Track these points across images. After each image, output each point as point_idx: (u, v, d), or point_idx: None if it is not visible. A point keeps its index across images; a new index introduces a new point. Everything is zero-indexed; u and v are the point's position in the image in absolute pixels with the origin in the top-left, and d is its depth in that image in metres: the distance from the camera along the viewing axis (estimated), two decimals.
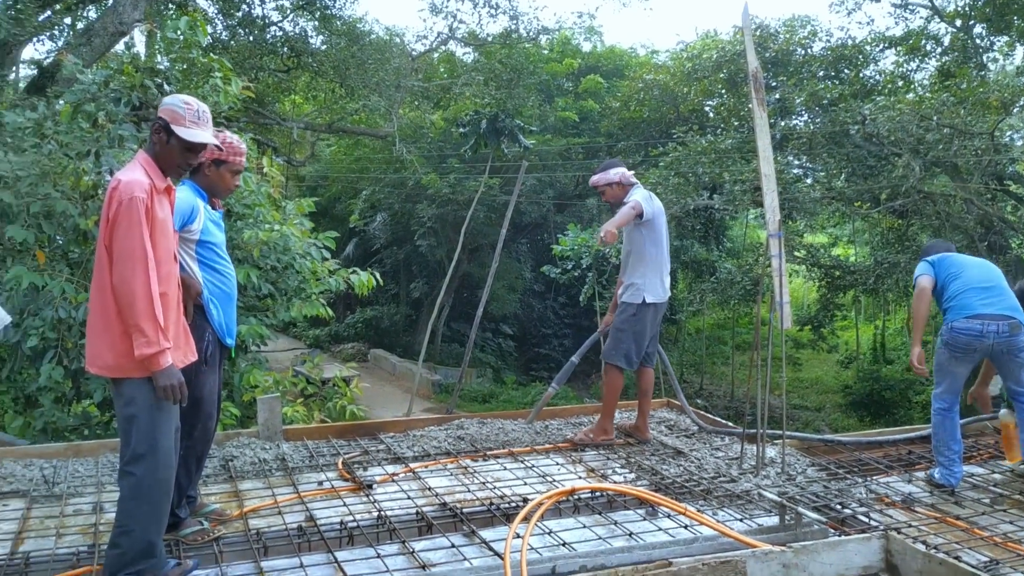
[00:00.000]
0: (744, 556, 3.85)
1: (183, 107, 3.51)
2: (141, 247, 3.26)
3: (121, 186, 3.33)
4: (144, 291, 3.23)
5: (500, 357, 22.43)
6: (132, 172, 3.42)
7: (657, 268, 5.79)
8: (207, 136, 3.59)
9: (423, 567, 3.79)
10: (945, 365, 5.22)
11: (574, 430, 6.14)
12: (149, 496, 3.36)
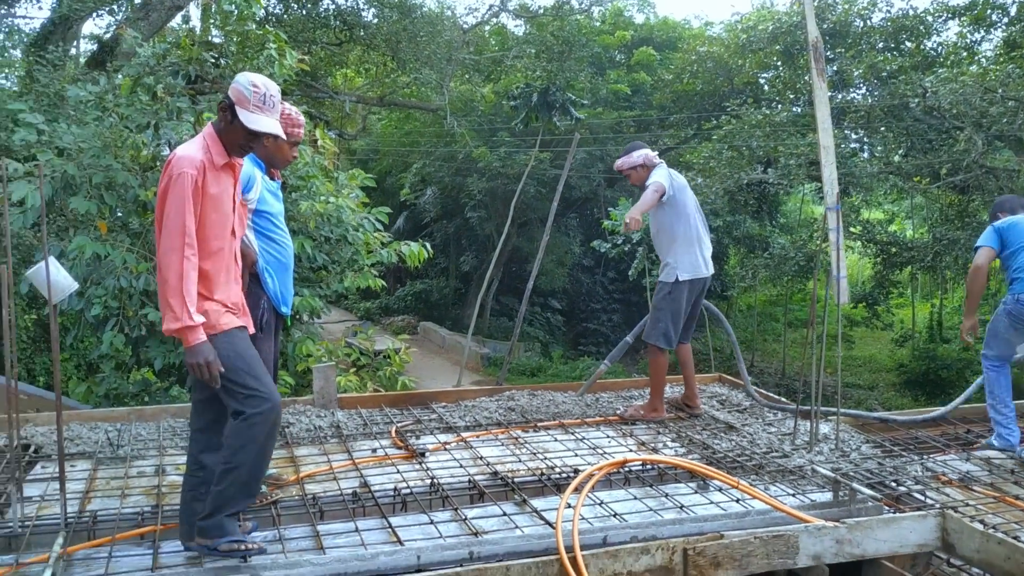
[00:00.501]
0: (797, 531, 3.84)
1: (250, 89, 3.40)
2: (180, 224, 3.26)
3: (174, 160, 3.33)
4: (176, 268, 3.22)
5: (548, 331, 22.44)
6: (190, 147, 3.40)
7: (689, 244, 5.71)
8: (269, 124, 3.47)
9: (475, 534, 3.84)
10: (1001, 332, 5.22)
11: (624, 403, 6.14)
12: (255, 434, 3.40)
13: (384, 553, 3.57)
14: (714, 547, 3.69)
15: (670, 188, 5.67)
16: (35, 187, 6.62)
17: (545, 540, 3.70)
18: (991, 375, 5.27)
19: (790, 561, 3.83)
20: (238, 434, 3.39)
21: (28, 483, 4.35)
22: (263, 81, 3.45)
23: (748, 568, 3.76)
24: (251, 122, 3.40)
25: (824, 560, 3.88)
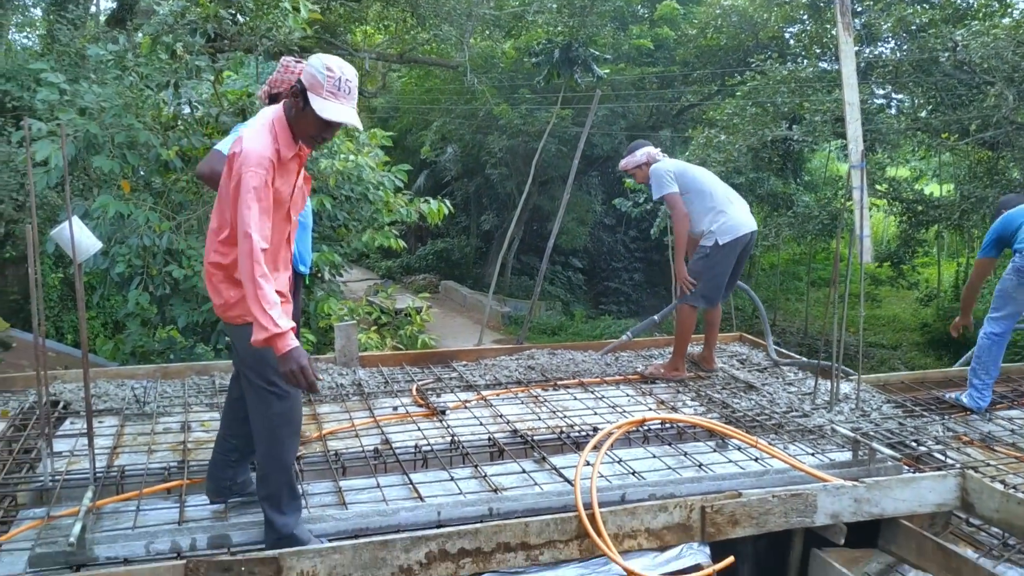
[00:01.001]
0: (815, 490, 3.85)
1: (324, 73, 3.13)
2: (252, 228, 3.04)
3: (243, 155, 3.10)
4: (250, 274, 3.03)
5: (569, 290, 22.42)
6: (258, 139, 3.15)
7: (718, 211, 5.63)
8: (344, 112, 3.18)
9: (495, 490, 3.88)
10: (1011, 292, 5.19)
11: (645, 363, 6.14)
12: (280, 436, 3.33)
13: (405, 509, 3.62)
14: (732, 505, 3.71)
15: (673, 184, 5.66)
16: (58, 147, 6.66)
17: (564, 497, 3.75)
18: (985, 343, 5.28)
19: (808, 519, 3.85)
20: (264, 441, 3.36)
21: (57, 439, 4.44)
22: (338, 64, 3.17)
23: (766, 526, 3.78)
24: (324, 110, 3.13)
25: (842, 519, 3.90)
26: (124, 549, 3.28)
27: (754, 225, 5.73)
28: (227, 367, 5.77)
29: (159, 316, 8.41)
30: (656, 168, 5.78)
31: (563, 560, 3.51)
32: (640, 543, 3.62)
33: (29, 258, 3.64)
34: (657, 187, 5.73)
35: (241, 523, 3.49)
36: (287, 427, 3.33)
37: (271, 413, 3.30)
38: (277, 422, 3.30)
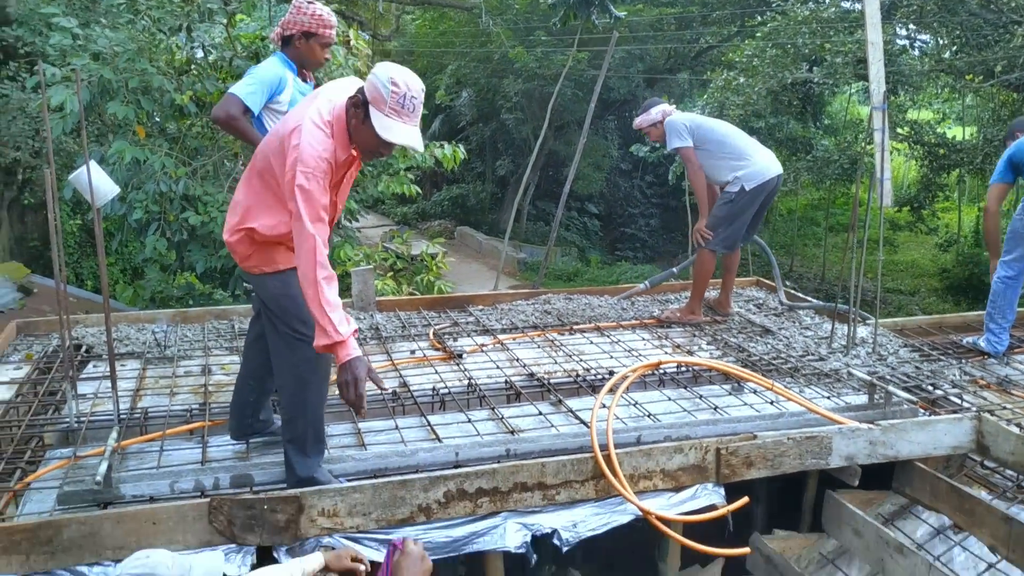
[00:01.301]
0: (830, 432, 3.87)
1: (389, 88, 2.94)
2: (311, 238, 2.92)
3: (299, 155, 2.95)
4: (311, 276, 2.93)
5: (585, 236, 22.34)
6: (316, 138, 2.99)
7: (742, 156, 5.56)
8: (406, 135, 3.00)
9: (512, 432, 3.93)
10: (1022, 232, 5.08)
11: (661, 307, 6.14)
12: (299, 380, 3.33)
13: (423, 450, 3.67)
14: (747, 447, 3.74)
15: (690, 138, 5.59)
16: (72, 92, 6.64)
17: (580, 439, 3.79)
18: (999, 287, 5.22)
19: (822, 461, 3.88)
20: (290, 386, 3.36)
21: (81, 382, 4.51)
22: (404, 79, 2.97)
23: (780, 468, 3.82)
24: (386, 130, 2.97)
25: (857, 461, 3.93)
26: (149, 488, 3.36)
27: (779, 168, 5.66)
28: (246, 312, 5.82)
29: (177, 262, 8.46)
30: (670, 120, 5.71)
31: (579, 500, 3.57)
32: (655, 484, 3.67)
33: (48, 203, 3.66)
34: (671, 140, 5.67)
35: (263, 463, 3.55)
36: (314, 373, 3.31)
37: (297, 359, 3.29)
38: (304, 368, 3.29)
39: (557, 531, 3.46)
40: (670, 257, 20.63)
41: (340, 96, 3.15)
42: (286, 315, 3.28)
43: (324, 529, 3.22)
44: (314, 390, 3.34)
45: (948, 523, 4.02)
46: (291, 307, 3.26)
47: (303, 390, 3.33)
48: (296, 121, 3.05)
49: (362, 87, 3.04)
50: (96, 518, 2.98)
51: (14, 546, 2.91)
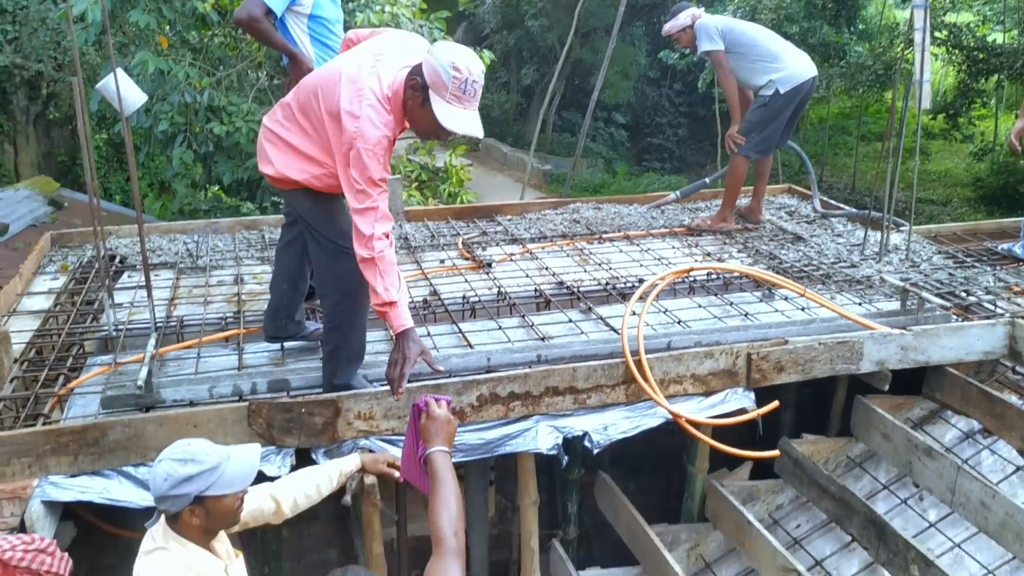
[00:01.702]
0: (862, 337, 3.87)
1: (451, 73, 2.86)
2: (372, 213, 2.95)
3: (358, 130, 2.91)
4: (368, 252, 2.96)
5: (612, 147, 22.00)
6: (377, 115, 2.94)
7: (776, 58, 5.39)
8: (467, 122, 2.96)
9: (542, 339, 3.95)
10: None
11: (691, 215, 6.09)
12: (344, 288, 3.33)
13: (456, 355, 3.72)
14: (778, 352, 3.75)
15: (721, 41, 5.42)
16: (94, 0, 6.55)
17: (611, 344, 3.81)
18: None
19: (853, 367, 3.89)
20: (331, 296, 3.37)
21: (116, 291, 4.57)
22: (466, 63, 2.88)
23: (811, 373, 3.83)
24: (446, 118, 2.92)
25: (887, 366, 3.93)
26: (189, 392, 3.43)
27: (814, 71, 5.50)
28: (275, 222, 5.84)
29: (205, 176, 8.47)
30: (701, 23, 5.54)
31: (610, 404, 3.61)
32: (685, 388, 3.70)
33: (77, 114, 3.65)
34: (701, 43, 5.51)
35: (298, 368, 3.62)
36: (357, 283, 3.26)
37: (339, 270, 3.29)
38: (346, 278, 3.27)
39: (588, 434, 3.52)
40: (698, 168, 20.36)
41: (398, 64, 3.05)
42: (325, 228, 3.28)
43: (360, 432, 3.30)
44: (356, 300, 3.34)
45: (977, 427, 4.05)
46: (329, 220, 3.27)
47: (345, 300, 3.34)
48: (355, 86, 2.96)
49: (420, 66, 2.94)
50: (140, 421, 3.07)
51: (62, 447, 3.01)
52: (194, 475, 2.20)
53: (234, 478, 2.28)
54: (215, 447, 2.30)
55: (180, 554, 2.26)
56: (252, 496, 2.69)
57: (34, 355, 3.86)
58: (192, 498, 2.21)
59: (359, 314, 3.38)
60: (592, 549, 5.26)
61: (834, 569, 3.89)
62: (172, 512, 2.24)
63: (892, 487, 4.07)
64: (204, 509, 2.24)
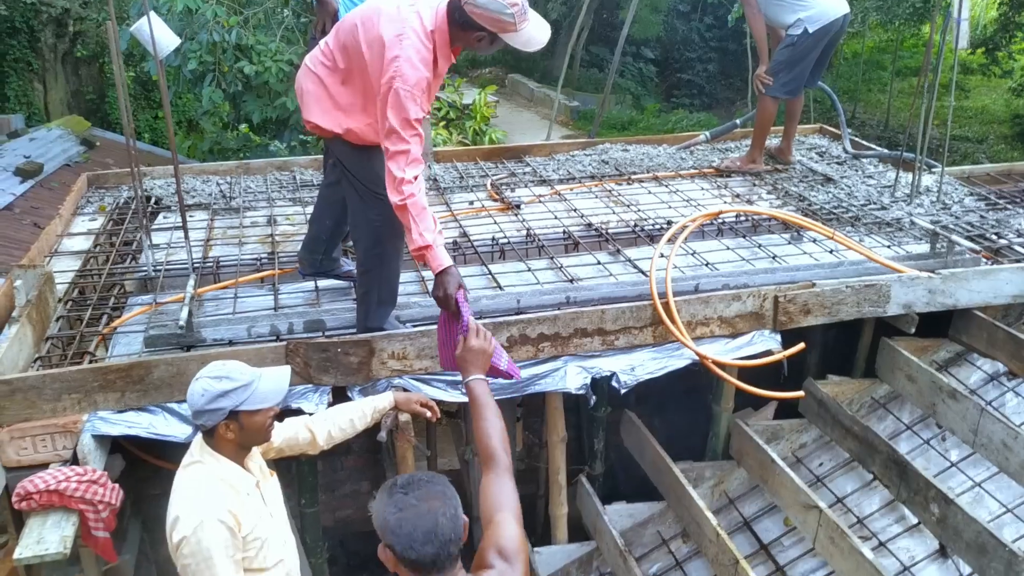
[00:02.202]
0: (889, 280, 3.89)
1: (510, 12, 2.90)
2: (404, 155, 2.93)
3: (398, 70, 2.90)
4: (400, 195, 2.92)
5: (640, 83, 21.69)
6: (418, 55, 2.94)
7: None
8: (541, 32, 3.03)
9: (571, 280, 4.01)
10: None
11: (721, 156, 6.06)
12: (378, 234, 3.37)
13: (486, 297, 3.79)
14: (805, 294, 3.78)
15: None
16: None
17: (639, 287, 3.86)
18: None
19: (880, 309, 3.92)
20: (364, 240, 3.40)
21: (154, 231, 4.67)
22: None
23: (837, 315, 3.87)
24: (527, 43, 3.01)
25: (914, 309, 3.96)
26: (228, 332, 3.54)
27: (845, 8, 5.38)
28: (307, 163, 5.89)
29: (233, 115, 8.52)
30: None
31: (637, 345, 3.68)
32: (712, 330, 3.75)
33: (112, 56, 3.70)
34: None
35: (333, 309, 3.70)
36: (389, 228, 3.31)
37: (373, 215, 3.33)
38: (378, 223, 3.32)
39: (616, 374, 3.60)
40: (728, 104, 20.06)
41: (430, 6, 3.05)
42: (360, 173, 3.32)
43: (394, 371, 3.40)
44: (389, 245, 3.40)
45: (1003, 370, 4.08)
46: (365, 166, 3.30)
47: (377, 245, 3.39)
48: (395, 24, 2.97)
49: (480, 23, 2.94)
50: (182, 359, 3.18)
51: (109, 384, 3.13)
52: (229, 391, 2.34)
53: (266, 394, 2.41)
54: (248, 367, 2.44)
55: (214, 467, 2.42)
56: (288, 426, 2.83)
57: (77, 295, 3.97)
58: (227, 412, 2.35)
59: (391, 259, 3.44)
60: (617, 485, 5.40)
61: (855, 506, 3.98)
62: (208, 426, 2.39)
63: (915, 428, 4.13)
64: (238, 424, 2.38)
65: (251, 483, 2.49)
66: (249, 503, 2.44)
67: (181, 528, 2.30)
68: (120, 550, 3.38)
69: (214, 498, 2.35)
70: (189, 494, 2.37)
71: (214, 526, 2.30)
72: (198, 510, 2.31)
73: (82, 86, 15.15)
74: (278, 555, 2.54)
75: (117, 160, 10.56)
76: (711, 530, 3.77)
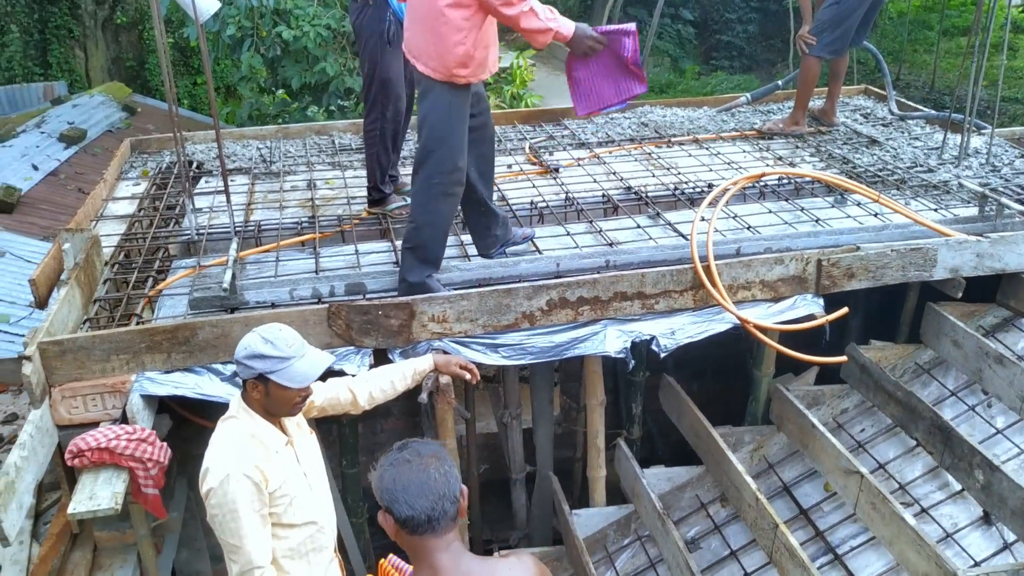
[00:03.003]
0: (936, 244, 3.82)
1: None
2: None
3: None
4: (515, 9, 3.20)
5: (679, 45, 21.34)
6: None
7: None
8: None
9: (610, 244, 3.99)
10: None
11: (763, 118, 5.96)
12: (433, 192, 3.44)
13: (525, 261, 3.78)
14: (849, 258, 3.73)
15: None
16: None
17: (679, 251, 3.83)
18: None
19: (926, 274, 3.85)
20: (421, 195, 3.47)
21: (196, 196, 4.71)
22: None
23: (882, 279, 3.81)
24: None
25: (961, 273, 3.88)
26: (270, 294, 3.58)
27: None
28: (345, 127, 5.90)
29: (271, 80, 8.54)
30: None
31: (677, 309, 3.66)
32: (754, 294, 3.72)
33: (154, 19, 3.71)
34: None
35: (374, 273, 3.72)
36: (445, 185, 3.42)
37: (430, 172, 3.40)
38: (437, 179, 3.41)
39: (656, 338, 3.58)
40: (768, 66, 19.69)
41: None
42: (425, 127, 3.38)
43: (434, 333, 3.41)
44: (443, 203, 3.46)
45: None
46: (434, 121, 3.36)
47: (432, 201, 3.45)
48: None
49: None
50: (227, 321, 3.22)
51: (157, 345, 3.19)
52: (266, 356, 2.41)
53: (296, 375, 2.44)
54: (299, 344, 2.48)
55: (247, 423, 2.51)
56: (331, 386, 2.89)
57: (123, 258, 4.04)
58: (256, 374, 2.42)
59: (444, 216, 3.49)
60: (655, 449, 5.41)
61: (897, 472, 3.94)
62: (241, 379, 2.48)
63: (960, 394, 4.06)
64: (265, 388, 2.45)
65: (282, 441, 2.56)
66: (278, 460, 2.52)
67: (210, 480, 2.40)
68: (167, 507, 3.46)
69: (243, 453, 2.44)
70: (220, 447, 2.47)
71: (240, 480, 2.39)
72: (226, 463, 2.41)
73: (122, 52, 15.29)
74: (309, 514, 2.60)
75: (158, 125, 10.68)
76: (750, 494, 3.77)
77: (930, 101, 17.14)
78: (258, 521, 2.45)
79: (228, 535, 2.43)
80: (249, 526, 2.42)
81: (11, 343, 5.39)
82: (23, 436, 2.90)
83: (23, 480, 2.79)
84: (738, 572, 3.92)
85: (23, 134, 9.19)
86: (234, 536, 2.42)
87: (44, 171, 8.36)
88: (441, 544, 1.89)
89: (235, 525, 2.41)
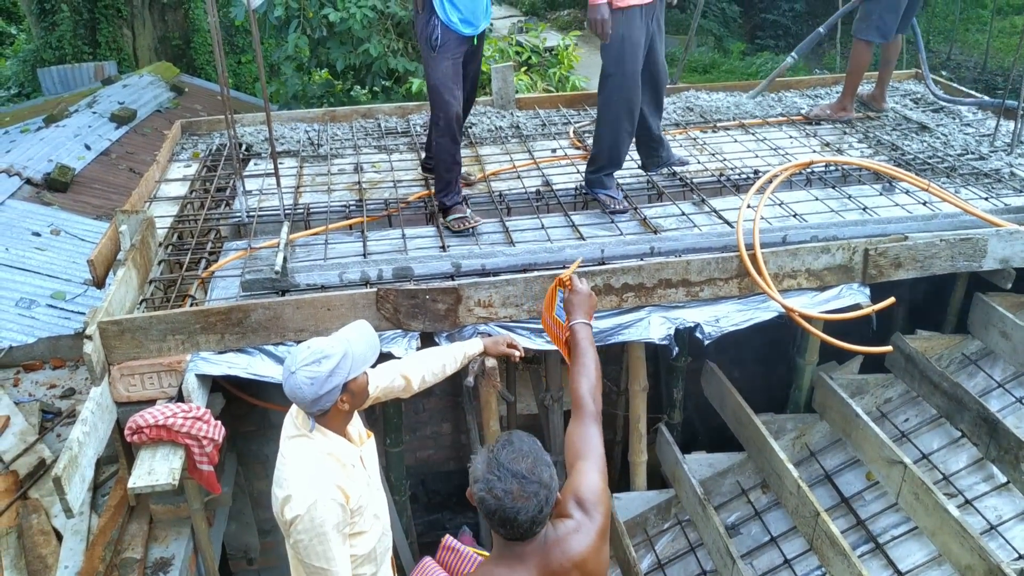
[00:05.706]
0: (986, 234, 3.78)
1: None
2: None
3: None
4: None
5: (723, 24, 21.05)
6: None
7: None
8: None
9: (654, 231, 3.99)
10: None
11: (810, 103, 5.89)
12: (613, 110, 4.09)
13: (570, 246, 3.81)
14: (896, 248, 3.70)
15: None
16: None
17: (724, 238, 3.82)
18: None
19: (975, 264, 3.81)
20: (607, 116, 4.15)
21: (246, 178, 4.79)
22: None
23: (930, 269, 3.78)
24: None
25: (1012, 264, 3.84)
26: (320, 277, 3.65)
27: None
28: (391, 110, 5.95)
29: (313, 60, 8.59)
30: None
31: (722, 297, 3.67)
32: (799, 283, 3.71)
33: (208, 5, 3.78)
34: None
35: (420, 257, 3.77)
36: (619, 98, 4.07)
37: (608, 92, 4.07)
38: (614, 97, 4.07)
39: (700, 325, 3.60)
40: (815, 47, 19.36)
41: None
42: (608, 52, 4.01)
43: (480, 318, 3.46)
44: (622, 111, 4.10)
45: None
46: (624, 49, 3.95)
47: (611, 110, 4.10)
48: None
49: None
50: (279, 304, 3.30)
51: (211, 327, 3.28)
52: (335, 368, 2.34)
53: (363, 355, 2.44)
54: (329, 339, 2.43)
55: (322, 443, 2.45)
56: (384, 373, 2.91)
57: (176, 239, 4.13)
58: (342, 387, 2.37)
59: (620, 127, 4.14)
60: (695, 434, 5.43)
61: (940, 463, 3.93)
62: (327, 408, 2.40)
63: (1007, 386, 4.03)
64: (350, 393, 2.42)
65: (356, 455, 2.54)
66: (355, 475, 2.50)
67: (296, 507, 2.34)
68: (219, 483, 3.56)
69: (324, 475, 2.40)
70: (300, 471, 2.40)
71: (327, 504, 2.36)
72: (312, 489, 2.36)
73: (168, 32, 15.47)
74: (377, 518, 2.63)
75: (205, 106, 10.83)
76: (792, 482, 3.78)
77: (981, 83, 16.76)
78: (342, 541, 2.44)
79: (315, 559, 2.39)
80: (336, 548, 2.40)
81: (67, 319, 5.55)
82: (85, 412, 3.00)
83: (85, 455, 2.89)
84: (778, 558, 3.95)
85: (75, 114, 9.38)
86: (321, 559, 2.39)
87: (96, 151, 8.52)
88: None
89: (323, 548, 2.38)
